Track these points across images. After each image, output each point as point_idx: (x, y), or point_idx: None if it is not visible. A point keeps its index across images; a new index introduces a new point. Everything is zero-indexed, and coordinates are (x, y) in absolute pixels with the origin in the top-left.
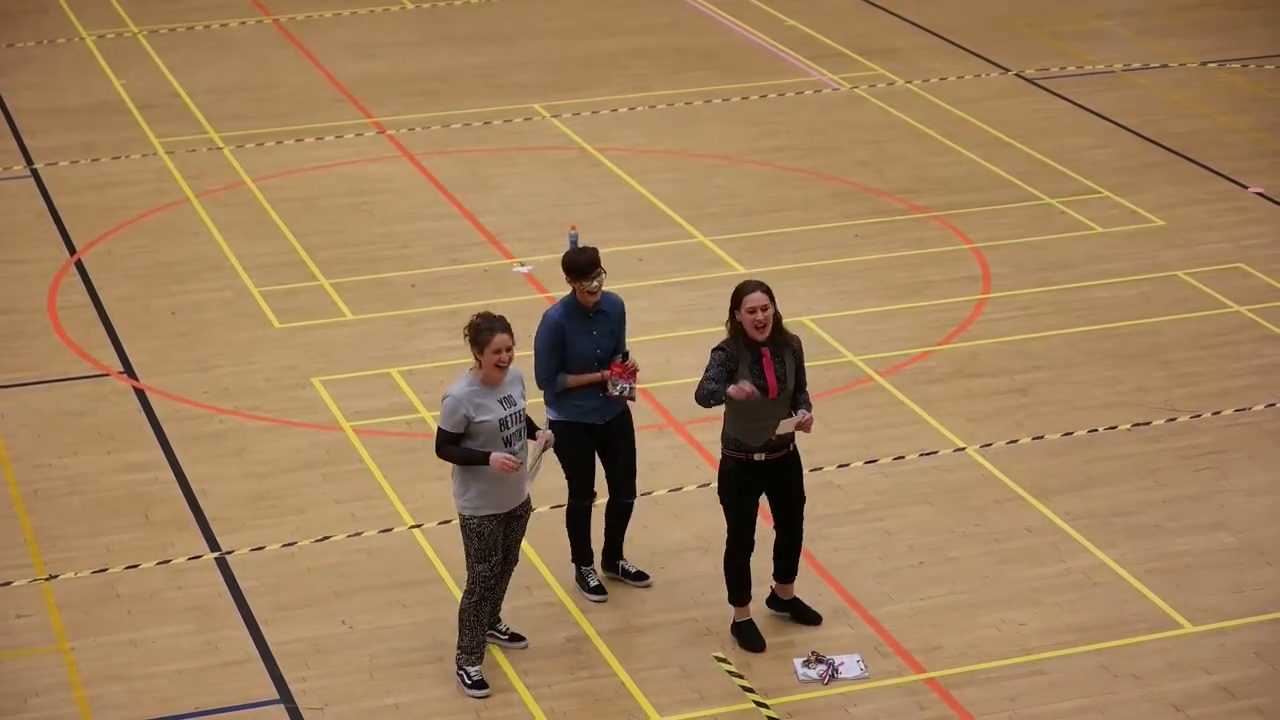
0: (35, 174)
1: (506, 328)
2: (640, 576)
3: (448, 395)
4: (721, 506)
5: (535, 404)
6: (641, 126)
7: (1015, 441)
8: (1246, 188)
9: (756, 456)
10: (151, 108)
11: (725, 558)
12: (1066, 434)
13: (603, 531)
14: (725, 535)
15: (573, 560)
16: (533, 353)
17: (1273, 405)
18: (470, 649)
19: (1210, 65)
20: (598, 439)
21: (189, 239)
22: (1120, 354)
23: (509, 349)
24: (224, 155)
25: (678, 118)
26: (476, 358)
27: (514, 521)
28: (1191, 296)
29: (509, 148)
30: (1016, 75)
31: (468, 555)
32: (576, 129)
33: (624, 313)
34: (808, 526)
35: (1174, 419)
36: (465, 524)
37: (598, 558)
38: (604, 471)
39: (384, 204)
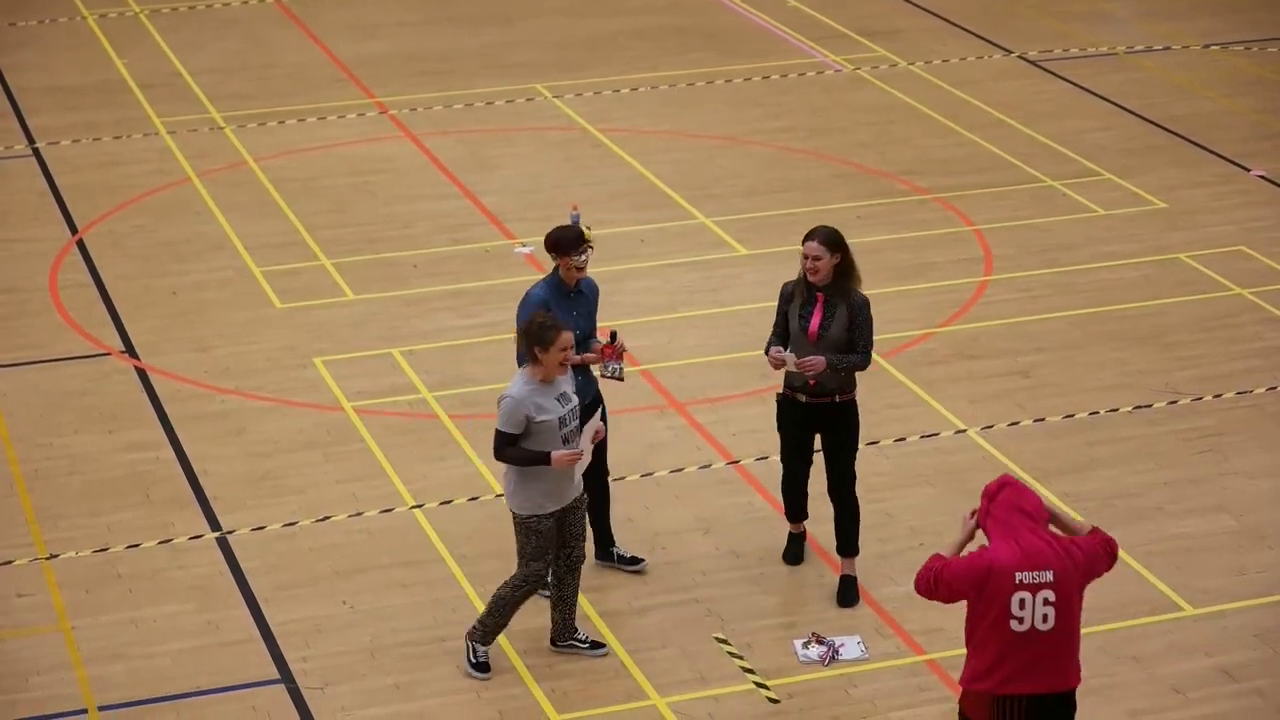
0: (37, 153)
1: (568, 324)
2: (634, 561)
3: (506, 396)
4: None
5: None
6: (643, 107)
7: (1016, 423)
8: (1249, 170)
9: (799, 396)
10: (153, 87)
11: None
12: (1068, 416)
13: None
14: (726, 516)
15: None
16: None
17: (1274, 388)
18: (490, 630)
19: (1213, 47)
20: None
21: (190, 219)
22: (1122, 336)
23: (573, 345)
24: (225, 135)
25: (680, 98)
26: (537, 356)
27: (570, 515)
28: (1194, 279)
29: (510, 128)
30: (1019, 57)
31: (522, 555)
32: (578, 109)
33: (598, 295)
34: (811, 508)
35: (1175, 401)
36: (524, 523)
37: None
38: None
39: (385, 184)
